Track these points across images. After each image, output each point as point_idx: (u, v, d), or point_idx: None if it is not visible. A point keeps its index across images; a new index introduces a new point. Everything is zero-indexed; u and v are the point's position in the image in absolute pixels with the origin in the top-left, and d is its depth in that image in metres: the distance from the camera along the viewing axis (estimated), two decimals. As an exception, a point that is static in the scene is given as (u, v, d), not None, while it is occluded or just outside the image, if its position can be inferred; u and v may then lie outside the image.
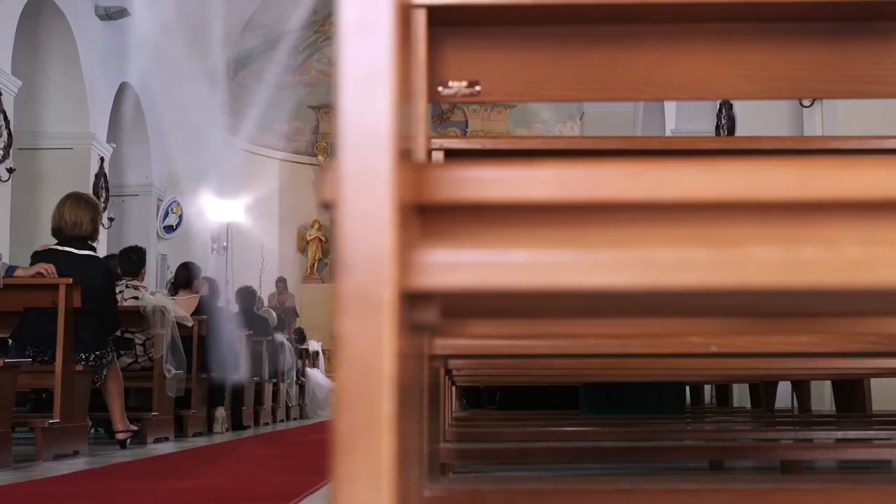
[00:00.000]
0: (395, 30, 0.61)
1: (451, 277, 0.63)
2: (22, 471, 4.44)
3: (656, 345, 1.66)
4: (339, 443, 0.59)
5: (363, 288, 0.60)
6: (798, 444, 3.24)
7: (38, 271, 5.36)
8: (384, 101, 0.61)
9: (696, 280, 0.65)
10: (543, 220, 0.66)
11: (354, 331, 0.59)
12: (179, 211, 14.59)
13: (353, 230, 0.60)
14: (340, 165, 0.61)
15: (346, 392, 0.59)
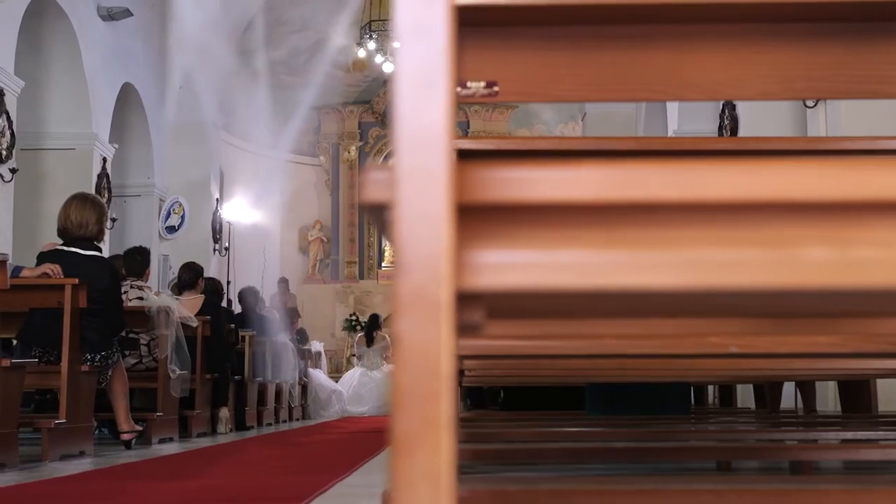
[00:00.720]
0: (450, 31, 0.62)
1: (503, 278, 0.63)
2: (29, 471, 4.44)
3: (675, 346, 1.66)
4: (397, 443, 0.59)
5: (420, 288, 0.60)
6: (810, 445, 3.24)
7: (44, 272, 5.36)
8: (440, 102, 0.61)
9: (747, 280, 0.65)
10: (588, 221, 0.67)
11: (412, 331, 0.60)
12: (181, 211, 14.58)
13: (410, 230, 0.60)
14: (396, 166, 0.61)
15: (404, 392, 0.59)
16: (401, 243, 0.60)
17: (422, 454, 0.58)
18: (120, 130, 13.19)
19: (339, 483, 3.82)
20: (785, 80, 1.87)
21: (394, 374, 0.60)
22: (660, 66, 1.87)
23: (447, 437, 0.58)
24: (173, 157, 14.83)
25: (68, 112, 11.66)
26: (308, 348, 12.59)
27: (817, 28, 1.84)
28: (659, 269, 0.64)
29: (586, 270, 0.63)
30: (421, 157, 0.61)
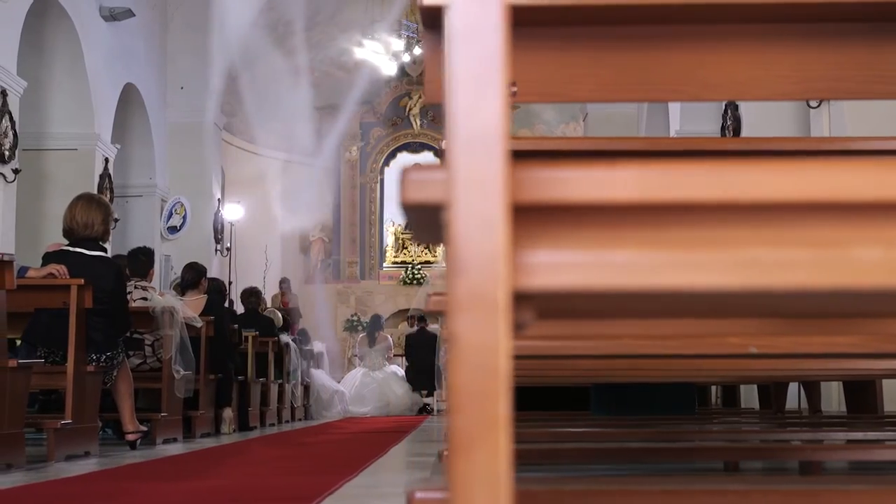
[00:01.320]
0: (504, 32, 0.62)
1: (556, 278, 0.63)
2: (36, 471, 4.44)
3: (694, 346, 1.66)
4: (456, 442, 0.59)
5: (477, 288, 0.60)
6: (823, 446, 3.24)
7: (50, 272, 5.36)
8: (495, 103, 0.61)
9: (800, 280, 0.65)
10: (638, 221, 0.67)
11: (469, 331, 0.60)
12: (183, 212, 14.59)
13: (467, 231, 0.60)
14: (451, 167, 0.61)
15: (462, 392, 0.59)
16: (457, 244, 0.60)
17: (480, 454, 0.58)
18: (122, 131, 13.20)
19: (347, 483, 3.82)
20: (804, 81, 1.88)
21: (451, 374, 0.60)
22: (679, 66, 1.87)
23: (505, 437, 0.59)
24: (175, 158, 14.84)
25: (70, 112, 11.67)
26: (310, 349, 12.59)
27: (836, 28, 1.85)
28: (709, 270, 0.64)
29: (637, 270, 0.63)
30: (476, 159, 0.61)
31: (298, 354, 11.04)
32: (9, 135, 9.65)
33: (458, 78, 0.61)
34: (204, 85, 15.29)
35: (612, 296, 0.66)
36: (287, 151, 18.77)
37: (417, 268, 18.86)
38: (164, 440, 6.67)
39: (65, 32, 11.44)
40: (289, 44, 15.51)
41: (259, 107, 14.92)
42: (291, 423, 10.63)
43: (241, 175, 17.35)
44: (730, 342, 1.62)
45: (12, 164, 9.70)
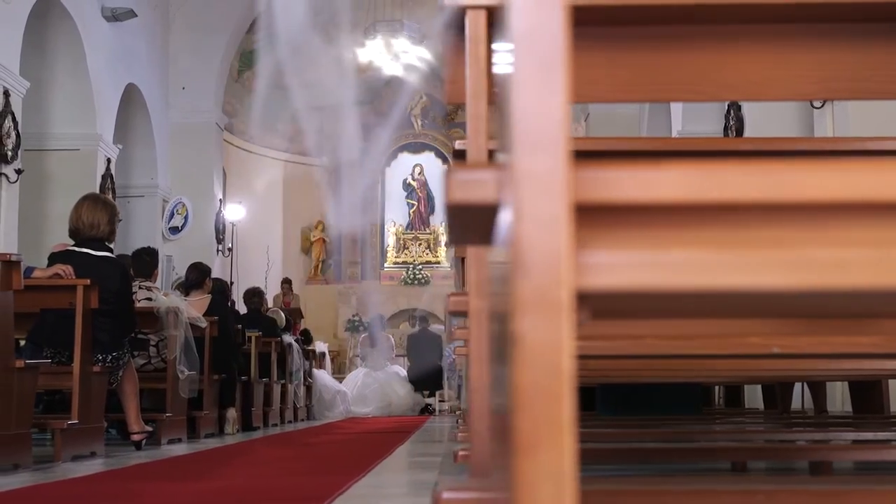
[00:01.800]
0: (566, 33, 0.62)
1: (617, 278, 0.63)
2: (43, 472, 4.44)
3: (716, 346, 1.66)
4: (520, 442, 0.59)
5: (541, 289, 0.60)
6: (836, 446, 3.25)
7: (56, 272, 5.36)
8: (557, 103, 0.61)
9: (857, 280, 0.65)
10: (698, 221, 0.67)
11: (533, 331, 0.60)
12: (185, 212, 14.59)
13: (530, 232, 0.60)
14: (513, 168, 0.61)
15: (526, 392, 0.59)
16: (520, 245, 0.60)
17: (544, 454, 0.58)
18: (124, 131, 13.20)
19: (355, 484, 3.82)
20: (822, 81, 1.88)
21: (514, 375, 0.60)
22: (698, 66, 1.88)
23: (569, 437, 0.59)
24: (176, 158, 14.84)
25: (72, 113, 11.67)
26: (313, 349, 12.59)
27: (855, 28, 1.85)
28: (767, 270, 0.64)
29: (698, 270, 0.63)
30: (539, 159, 0.61)
31: (301, 355, 11.04)
32: (11, 135, 9.65)
33: (520, 79, 0.61)
34: (206, 85, 15.30)
35: (666, 296, 0.66)
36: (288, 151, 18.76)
37: (419, 268, 18.86)
38: (169, 440, 6.66)
39: (67, 33, 11.44)
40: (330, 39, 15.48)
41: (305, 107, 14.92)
42: (294, 423, 10.63)
43: (243, 175, 17.36)
44: (752, 342, 1.62)
45: (15, 165, 9.70)
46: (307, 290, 18.04)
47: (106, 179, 12.06)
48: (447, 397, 13.90)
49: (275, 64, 13.13)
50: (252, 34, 16.69)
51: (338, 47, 14.68)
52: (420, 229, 19.34)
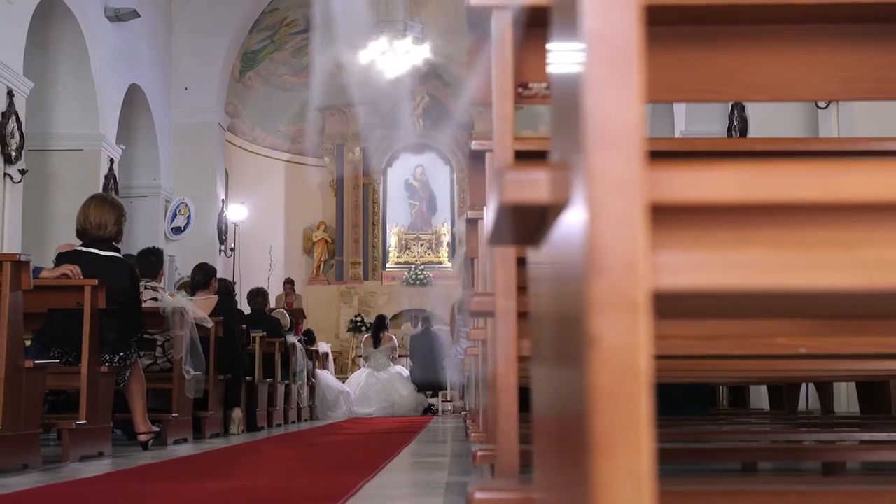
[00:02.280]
0: (639, 32, 0.62)
1: (690, 278, 0.63)
2: (52, 472, 4.44)
3: (743, 346, 1.66)
4: (597, 443, 0.59)
5: (617, 289, 0.60)
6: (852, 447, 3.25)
7: (64, 272, 5.36)
8: (632, 103, 0.61)
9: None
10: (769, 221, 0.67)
11: (611, 332, 0.60)
12: (187, 212, 14.58)
13: (605, 232, 0.60)
14: (587, 169, 0.61)
15: (604, 392, 0.59)
16: (595, 245, 0.60)
17: (622, 454, 0.58)
18: (126, 132, 13.21)
19: (367, 483, 3.82)
20: (847, 81, 1.88)
21: (591, 375, 0.60)
22: (723, 67, 1.88)
23: (647, 437, 0.59)
24: (179, 158, 14.84)
25: (76, 113, 11.67)
26: (316, 349, 12.59)
27: (880, 29, 1.85)
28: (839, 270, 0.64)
29: (771, 271, 0.63)
30: (614, 159, 0.61)
31: (304, 355, 11.04)
32: (15, 135, 9.65)
33: (593, 79, 0.61)
34: (208, 85, 15.30)
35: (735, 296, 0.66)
36: (290, 152, 18.75)
37: (420, 268, 18.86)
38: (175, 441, 6.66)
39: (70, 33, 11.44)
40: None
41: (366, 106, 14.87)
42: (298, 423, 10.63)
43: (245, 175, 17.35)
44: (779, 343, 1.62)
45: (19, 165, 9.70)
46: (309, 291, 18.04)
47: (109, 180, 12.06)
48: (450, 398, 13.91)
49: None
50: (254, 34, 16.70)
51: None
52: (422, 230, 19.34)
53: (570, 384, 0.70)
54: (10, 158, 9.52)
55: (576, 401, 0.67)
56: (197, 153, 15.08)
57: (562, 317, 0.76)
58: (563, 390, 0.75)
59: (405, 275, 18.85)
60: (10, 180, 9.59)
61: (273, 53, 17.65)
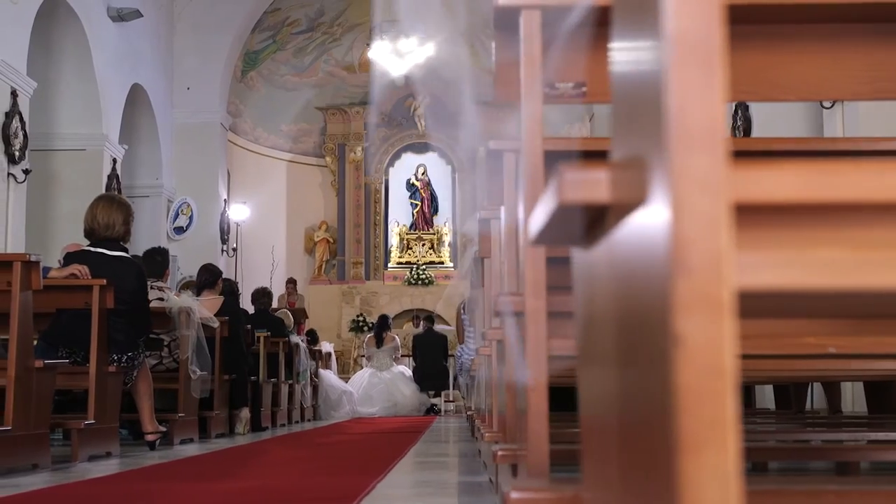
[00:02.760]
0: (722, 31, 0.62)
1: (773, 277, 0.63)
2: (62, 472, 4.44)
3: (771, 346, 1.66)
4: (684, 442, 0.59)
5: (702, 288, 0.60)
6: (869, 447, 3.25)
7: (72, 272, 5.35)
8: (715, 102, 0.61)
9: None
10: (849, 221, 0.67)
11: (696, 331, 0.60)
12: (189, 212, 14.58)
13: (690, 231, 0.60)
14: (671, 168, 0.61)
15: (689, 392, 0.59)
16: (680, 245, 0.60)
17: (709, 453, 0.58)
18: (129, 131, 13.20)
19: (379, 483, 3.82)
20: (874, 81, 1.88)
21: (676, 374, 0.60)
22: (751, 67, 1.88)
23: (733, 436, 0.59)
24: (181, 158, 14.84)
25: (79, 113, 11.67)
26: (318, 349, 12.59)
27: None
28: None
29: (851, 270, 0.63)
30: (699, 158, 0.61)
31: (308, 355, 11.04)
32: (19, 135, 9.64)
33: (677, 78, 0.61)
34: (210, 85, 15.30)
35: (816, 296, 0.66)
36: (292, 152, 18.73)
37: (422, 268, 18.86)
38: (181, 441, 6.66)
39: (73, 33, 11.43)
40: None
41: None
42: (301, 423, 10.63)
43: (247, 175, 17.35)
44: (807, 342, 1.62)
45: (23, 165, 9.69)
46: (310, 291, 18.04)
47: (112, 179, 12.06)
48: (452, 397, 13.90)
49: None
50: (256, 34, 16.70)
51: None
52: (423, 229, 19.34)
53: (643, 384, 0.70)
54: (14, 158, 9.52)
55: (651, 401, 0.67)
56: (199, 153, 15.08)
57: (629, 317, 0.76)
58: (631, 391, 0.75)
59: (407, 275, 18.85)
60: (14, 180, 9.59)
61: (275, 53, 17.65)
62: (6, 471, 4.24)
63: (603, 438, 0.92)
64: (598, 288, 0.93)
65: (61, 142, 11.59)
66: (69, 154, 11.64)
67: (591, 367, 0.98)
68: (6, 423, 4.29)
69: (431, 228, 19.34)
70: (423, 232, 19.28)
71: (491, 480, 3.74)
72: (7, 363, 4.41)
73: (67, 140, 11.60)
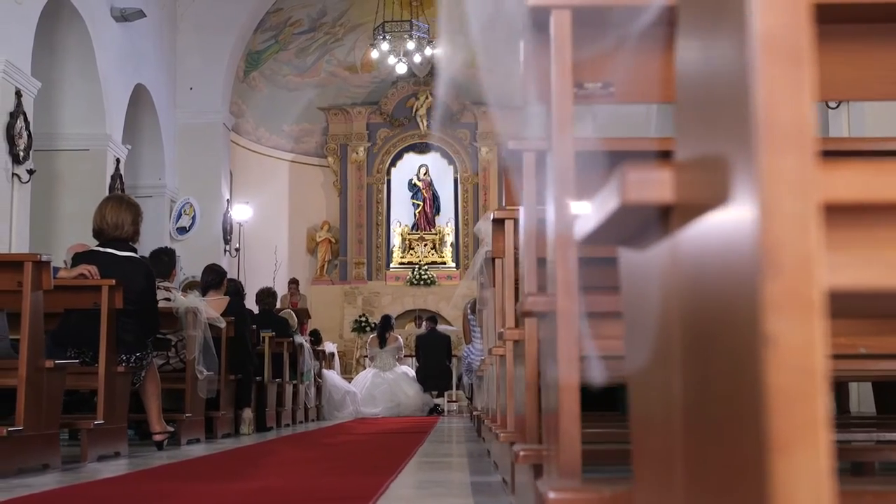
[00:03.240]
0: (810, 31, 0.62)
1: (860, 277, 0.63)
2: (73, 472, 4.44)
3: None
4: (775, 442, 0.59)
5: (793, 289, 0.60)
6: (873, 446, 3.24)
7: (81, 272, 5.35)
8: (804, 101, 0.61)
9: None
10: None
11: (788, 332, 0.60)
12: (192, 212, 14.58)
13: (780, 232, 0.60)
14: (760, 169, 0.61)
15: (780, 392, 0.59)
16: (769, 245, 0.60)
17: (801, 454, 0.58)
18: (132, 132, 13.19)
19: (392, 483, 3.82)
20: None
21: (768, 375, 0.60)
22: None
23: (825, 437, 0.59)
24: (184, 159, 14.83)
25: (82, 113, 11.66)
26: (322, 349, 12.59)
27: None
28: None
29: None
30: (788, 158, 0.61)
31: (311, 355, 11.03)
32: (23, 135, 9.63)
33: (764, 78, 0.61)
34: (213, 85, 15.30)
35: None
36: (294, 152, 18.73)
37: (424, 269, 18.86)
38: (188, 441, 6.66)
39: (77, 33, 11.43)
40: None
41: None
42: (305, 423, 10.63)
43: (250, 176, 17.35)
44: (838, 342, 1.62)
45: (27, 165, 9.68)
46: (312, 291, 18.03)
47: (115, 180, 12.05)
48: (455, 398, 13.90)
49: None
50: (258, 34, 16.70)
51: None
52: (425, 230, 19.34)
53: (721, 385, 0.70)
54: (19, 159, 9.51)
55: (733, 402, 0.67)
56: (202, 153, 15.08)
57: (699, 317, 0.76)
58: (704, 391, 0.75)
59: (409, 275, 18.85)
60: (19, 180, 9.58)
61: (277, 53, 17.65)
62: (18, 471, 4.24)
63: (662, 439, 0.92)
64: (655, 288, 0.93)
65: (65, 142, 11.58)
66: (73, 154, 11.63)
67: (645, 367, 0.98)
68: (17, 422, 4.29)
69: (433, 229, 19.33)
70: (424, 232, 19.27)
71: (504, 481, 3.74)
72: (18, 363, 4.41)
73: (71, 140, 11.59)
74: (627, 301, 1.08)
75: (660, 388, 0.92)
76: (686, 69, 0.80)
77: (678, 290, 0.82)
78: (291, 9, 17.00)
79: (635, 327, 1.04)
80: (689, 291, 0.79)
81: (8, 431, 4.16)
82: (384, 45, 16.10)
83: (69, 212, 11.31)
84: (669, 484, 0.88)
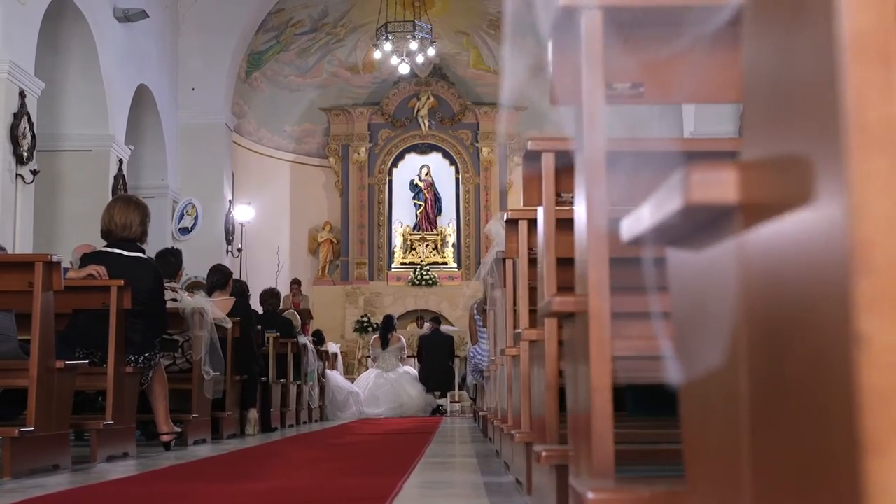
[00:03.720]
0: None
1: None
2: (83, 472, 4.44)
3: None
4: (868, 443, 0.59)
5: (886, 289, 0.60)
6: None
7: (90, 273, 5.35)
8: (894, 101, 0.61)
9: None
10: None
11: (881, 331, 0.60)
12: (195, 213, 14.58)
13: (872, 233, 0.60)
14: (850, 167, 0.61)
15: (873, 393, 0.59)
16: (862, 245, 0.60)
17: (895, 455, 0.58)
18: (134, 132, 13.18)
19: (405, 484, 3.82)
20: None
21: (860, 375, 0.60)
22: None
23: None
24: (186, 159, 14.83)
25: (85, 113, 11.65)
26: (325, 349, 12.59)
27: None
28: None
29: None
30: (879, 159, 0.61)
31: (315, 355, 11.03)
32: (27, 136, 9.63)
33: (854, 79, 0.61)
34: (215, 86, 15.30)
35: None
36: (295, 152, 18.73)
37: (426, 269, 18.85)
38: (195, 441, 6.66)
39: (80, 34, 11.42)
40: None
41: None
42: (309, 424, 10.63)
43: (252, 176, 17.34)
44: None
45: (31, 166, 9.68)
46: (314, 291, 18.03)
47: (118, 180, 12.05)
48: (458, 398, 13.90)
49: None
50: (260, 35, 16.70)
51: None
52: (427, 230, 19.34)
53: (800, 386, 0.70)
54: (23, 159, 9.51)
55: (815, 403, 0.67)
56: (204, 154, 15.08)
57: (773, 317, 0.76)
58: (778, 392, 0.75)
59: (410, 275, 18.85)
60: (22, 181, 9.58)
61: (279, 54, 17.65)
62: (29, 471, 4.24)
63: (722, 440, 0.91)
64: (715, 288, 0.93)
65: (68, 142, 11.57)
66: (76, 155, 11.62)
67: (702, 367, 0.98)
68: (29, 423, 4.29)
69: (435, 229, 19.33)
70: (426, 233, 19.27)
71: (518, 481, 3.74)
72: (29, 364, 4.41)
73: (74, 141, 11.58)
74: (678, 301, 1.08)
75: (720, 388, 0.92)
76: (756, 70, 0.80)
77: (746, 290, 0.82)
78: (293, 9, 17.00)
79: (688, 328, 1.04)
80: (759, 291, 0.79)
81: (19, 432, 4.16)
82: (387, 45, 16.10)
83: (72, 212, 11.31)
84: (731, 485, 0.88)
